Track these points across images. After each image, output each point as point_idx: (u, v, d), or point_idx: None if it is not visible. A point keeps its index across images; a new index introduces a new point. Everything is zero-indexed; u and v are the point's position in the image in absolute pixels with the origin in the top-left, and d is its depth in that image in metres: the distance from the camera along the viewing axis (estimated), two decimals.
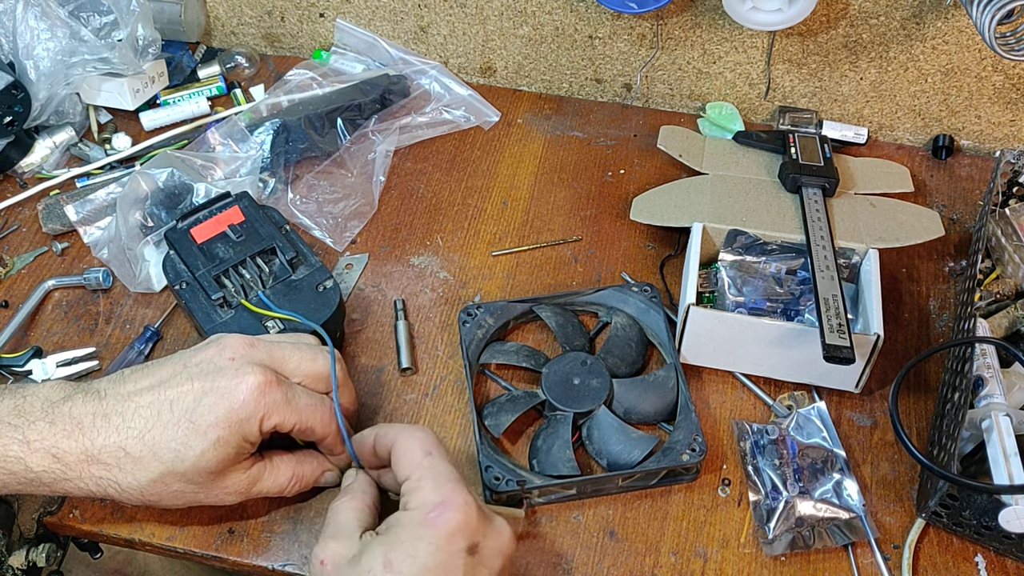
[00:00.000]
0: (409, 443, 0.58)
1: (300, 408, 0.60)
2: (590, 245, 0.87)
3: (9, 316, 0.79)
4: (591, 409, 0.70)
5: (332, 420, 0.62)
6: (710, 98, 1.00)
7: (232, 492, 0.61)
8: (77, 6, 0.90)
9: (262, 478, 0.62)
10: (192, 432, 0.57)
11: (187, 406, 0.57)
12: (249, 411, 0.58)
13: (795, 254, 0.78)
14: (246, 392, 0.58)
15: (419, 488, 0.55)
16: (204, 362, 0.60)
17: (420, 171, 0.94)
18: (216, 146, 0.90)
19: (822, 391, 0.76)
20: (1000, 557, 0.67)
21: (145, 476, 0.58)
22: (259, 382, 0.58)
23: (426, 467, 0.56)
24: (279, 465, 0.63)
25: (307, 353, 0.63)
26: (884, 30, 0.89)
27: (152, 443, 0.57)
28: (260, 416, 0.58)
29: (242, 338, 0.61)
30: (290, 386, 0.60)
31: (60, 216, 0.86)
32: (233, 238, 0.75)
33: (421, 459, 0.57)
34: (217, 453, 0.58)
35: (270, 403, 0.58)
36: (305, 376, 0.62)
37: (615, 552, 0.67)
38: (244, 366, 0.59)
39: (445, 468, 0.57)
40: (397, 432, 0.60)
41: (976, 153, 0.97)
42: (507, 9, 0.97)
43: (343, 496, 0.61)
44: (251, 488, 0.62)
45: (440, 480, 0.56)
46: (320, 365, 0.63)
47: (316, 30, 1.05)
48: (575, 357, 0.74)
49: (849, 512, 0.68)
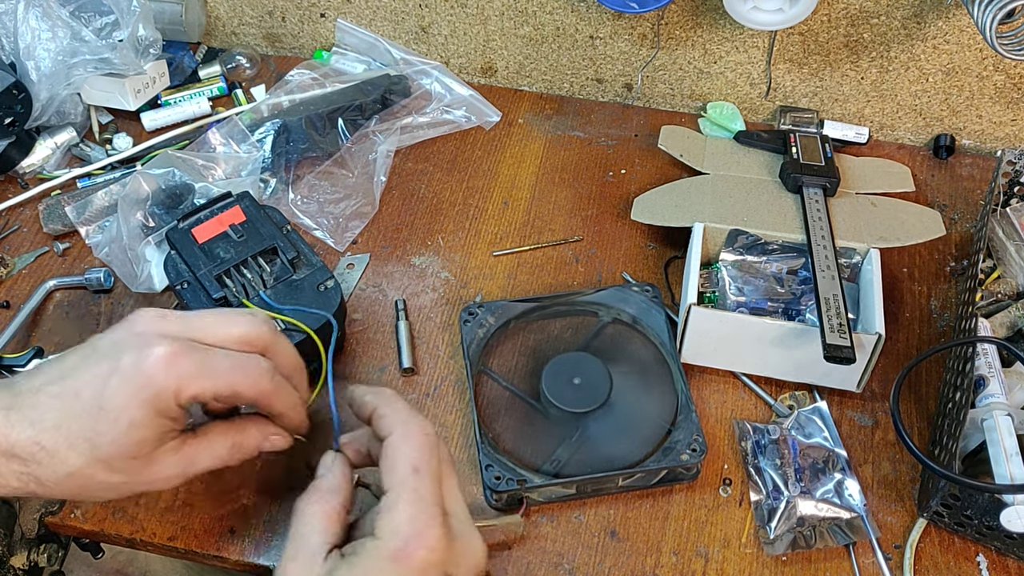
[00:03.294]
0: (401, 448, 0.54)
1: (220, 372, 0.55)
2: (591, 245, 0.87)
3: (10, 316, 0.79)
4: (592, 409, 0.70)
5: (263, 380, 0.57)
6: (711, 98, 1.00)
7: (166, 477, 0.56)
8: (78, 6, 0.90)
9: (197, 455, 0.57)
10: (102, 418, 0.53)
11: (95, 391, 0.53)
12: (159, 385, 0.53)
13: (796, 254, 0.78)
14: (152, 366, 0.53)
15: (394, 511, 0.52)
16: (111, 343, 0.55)
17: (421, 171, 0.94)
18: (217, 146, 0.90)
19: (823, 391, 0.76)
20: (1002, 557, 0.67)
21: (63, 469, 0.54)
22: (165, 352, 0.53)
23: (408, 487, 0.52)
24: (214, 437, 0.59)
25: (228, 316, 0.58)
26: (885, 30, 0.89)
27: (67, 435, 0.53)
28: (173, 389, 0.53)
29: (152, 311, 0.57)
30: (206, 351, 0.55)
31: (61, 216, 0.86)
32: (234, 238, 0.75)
33: (406, 475, 0.53)
34: (133, 437, 0.53)
35: (182, 373, 0.53)
36: (227, 341, 0.57)
37: (616, 552, 0.67)
38: (150, 339, 0.54)
39: (428, 491, 0.52)
40: (394, 424, 0.56)
41: (977, 153, 0.97)
42: (508, 9, 0.97)
43: (310, 496, 0.56)
44: (188, 470, 0.57)
45: (418, 508, 0.52)
46: (243, 326, 0.58)
47: (317, 30, 1.05)
48: (576, 357, 0.73)
49: (850, 512, 0.68)
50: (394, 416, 0.56)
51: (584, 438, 0.70)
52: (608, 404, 0.71)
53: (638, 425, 0.70)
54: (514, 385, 0.75)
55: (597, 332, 0.79)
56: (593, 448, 0.70)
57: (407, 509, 0.52)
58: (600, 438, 0.70)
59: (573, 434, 0.70)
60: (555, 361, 0.73)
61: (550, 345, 0.78)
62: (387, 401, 0.57)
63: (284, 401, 0.59)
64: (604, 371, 0.72)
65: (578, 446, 0.70)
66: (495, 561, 0.66)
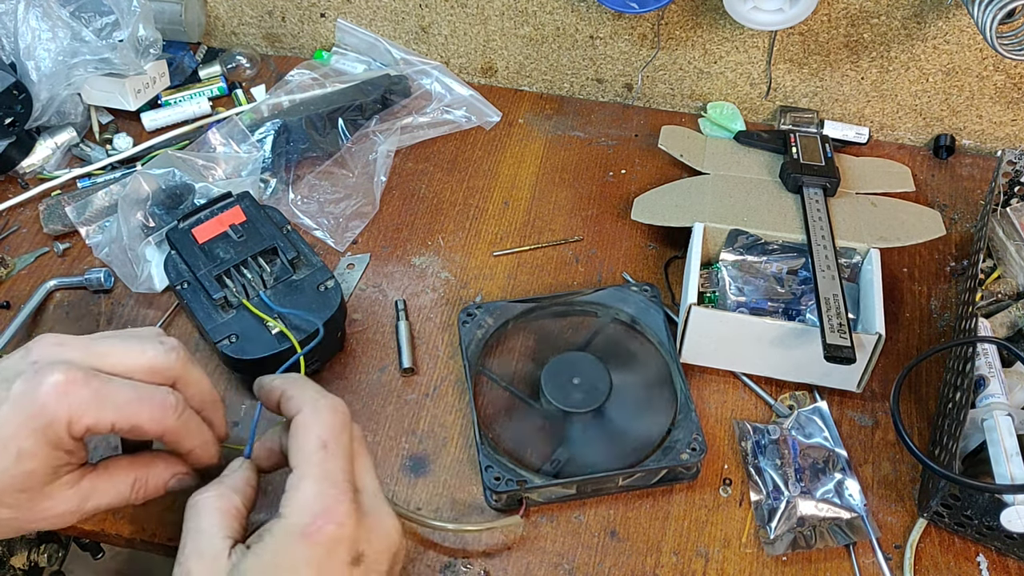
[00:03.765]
0: (308, 424, 0.52)
1: (119, 404, 0.51)
2: (591, 245, 0.87)
3: (10, 317, 0.79)
4: (592, 408, 0.70)
5: (167, 415, 0.53)
6: (711, 98, 1.00)
7: (60, 514, 0.53)
8: (78, 7, 0.90)
9: (95, 491, 0.54)
10: None
11: None
12: (50, 415, 0.50)
13: (796, 254, 0.78)
14: (45, 394, 0.50)
15: (300, 489, 0.50)
16: (4, 370, 0.52)
17: (421, 171, 0.94)
18: (217, 146, 0.90)
19: (823, 391, 0.76)
20: (1002, 557, 0.66)
21: None
22: (59, 381, 0.50)
23: (315, 463, 0.50)
24: (115, 472, 0.55)
25: (134, 345, 0.55)
26: (885, 30, 0.89)
27: None
28: (66, 419, 0.50)
29: (52, 337, 0.54)
30: (105, 381, 0.52)
31: (61, 216, 0.86)
32: (234, 238, 0.75)
33: (313, 451, 0.51)
34: (22, 468, 0.50)
35: (76, 403, 0.50)
36: (134, 370, 0.54)
37: (616, 552, 0.67)
38: (45, 367, 0.51)
39: (336, 466, 0.51)
40: (302, 402, 0.53)
41: (977, 152, 0.97)
42: (508, 9, 0.97)
43: (209, 490, 0.53)
44: (83, 505, 0.54)
45: (325, 483, 0.50)
46: (151, 357, 0.54)
47: (317, 30, 1.05)
48: (574, 357, 0.73)
49: (851, 512, 0.68)
50: (302, 395, 0.54)
51: (584, 438, 0.70)
52: (608, 404, 0.71)
53: (637, 425, 0.70)
54: (513, 385, 0.75)
55: (596, 332, 0.79)
56: (593, 448, 0.70)
57: (314, 486, 0.50)
58: (600, 438, 0.70)
59: (573, 434, 0.70)
60: (554, 361, 0.73)
61: (549, 345, 0.78)
62: (294, 383, 0.55)
63: (192, 439, 0.56)
64: (603, 371, 0.72)
65: (578, 446, 0.70)
66: (495, 561, 0.66)
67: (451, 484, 0.70)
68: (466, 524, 0.66)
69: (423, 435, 0.73)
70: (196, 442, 0.57)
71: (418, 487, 0.70)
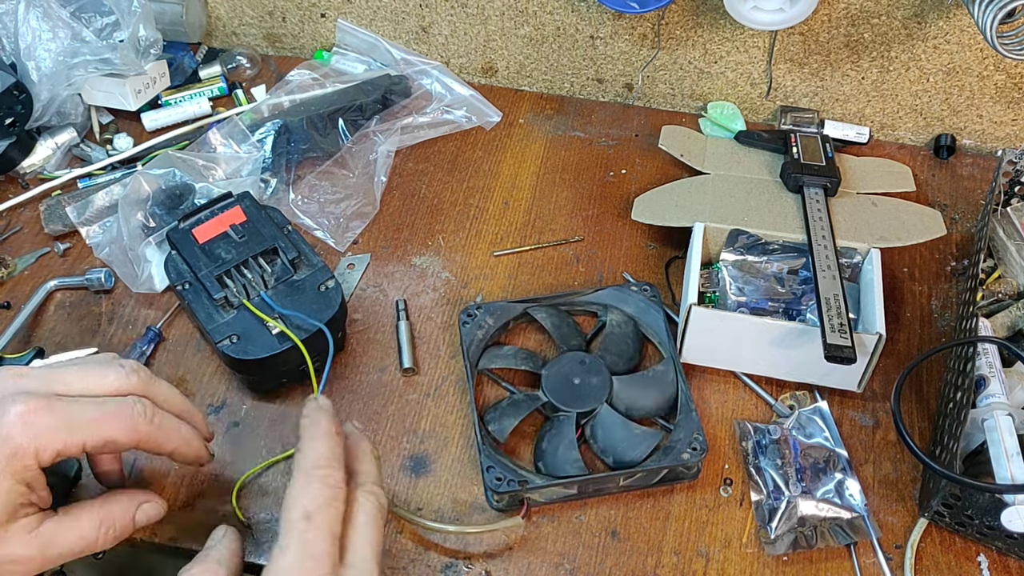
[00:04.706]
0: (297, 495, 0.51)
1: (87, 422, 0.51)
2: (591, 245, 0.87)
3: (11, 317, 0.79)
4: (593, 408, 0.70)
5: (139, 422, 0.54)
6: (711, 98, 1.00)
7: (19, 560, 0.51)
8: (79, 7, 0.90)
9: (57, 537, 0.52)
10: None
11: None
12: (15, 445, 0.49)
13: (797, 254, 0.78)
14: (9, 425, 0.49)
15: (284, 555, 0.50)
16: None
17: (422, 171, 0.94)
18: (218, 146, 0.90)
19: (824, 391, 0.76)
20: (1003, 557, 0.67)
21: None
22: (21, 411, 0.49)
23: (295, 535, 0.50)
24: (78, 514, 0.54)
25: (95, 370, 0.55)
26: (886, 29, 0.89)
27: None
28: (33, 448, 0.49)
29: (11, 370, 0.54)
30: (69, 403, 0.51)
31: (62, 217, 0.86)
32: (235, 238, 0.75)
33: (296, 521, 0.50)
34: None
35: (41, 430, 0.50)
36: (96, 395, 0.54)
37: (617, 552, 0.67)
38: (6, 399, 0.50)
39: (316, 540, 0.50)
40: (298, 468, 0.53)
41: (978, 152, 0.97)
42: (508, 9, 0.97)
43: (194, 567, 0.53)
44: (46, 552, 0.52)
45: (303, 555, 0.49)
46: (112, 380, 0.54)
47: (317, 30, 1.05)
48: (574, 357, 0.74)
49: (851, 512, 0.68)
50: (302, 459, 0.54)
51: (584, 438, 0.70)
52: (608, 404, 0.71)
53: (638, 425, 0.70)
54: (514, 385, 0.75)
55: (596, 332, 0.79)
56: (594, 448, 0.70)
57: (293, 556, 0.50)
58: (603, 436, 0.70)
59: (573, 434, 0.70)
60: (554, 362, 0.73)
61: (549, 345, 0.78)
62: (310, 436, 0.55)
63: (171, 439, 0.56)
64: (603, 369, 0.72)
65: (581, 445, 0.70)
66: (497, 562, 0.66)
67: (452, 484, 0.70)
68: (467, 526, 0.66)
69: (424, 435, 0.73)
70: (176, 441, 0.57)
71: (419, 487, 0.70)
